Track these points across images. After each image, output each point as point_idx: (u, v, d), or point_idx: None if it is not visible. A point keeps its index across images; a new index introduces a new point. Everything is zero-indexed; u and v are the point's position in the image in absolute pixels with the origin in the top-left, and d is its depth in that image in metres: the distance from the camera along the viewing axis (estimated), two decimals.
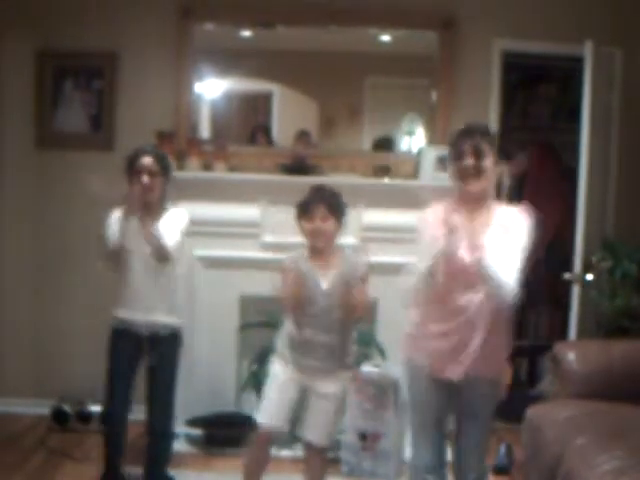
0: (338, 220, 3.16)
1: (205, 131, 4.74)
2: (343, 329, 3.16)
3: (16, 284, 4.68)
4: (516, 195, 5.31)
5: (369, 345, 4.21)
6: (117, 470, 3.53)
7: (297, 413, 3.33)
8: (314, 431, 3.23)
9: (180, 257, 3.55)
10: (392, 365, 3.94)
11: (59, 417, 4.44)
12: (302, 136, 4.66)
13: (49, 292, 4.63)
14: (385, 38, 4.67)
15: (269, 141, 4.76)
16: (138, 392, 3.54)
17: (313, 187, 3.24)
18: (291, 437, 3.88)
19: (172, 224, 3.43)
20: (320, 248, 3.15)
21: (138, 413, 3.58)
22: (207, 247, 4.39)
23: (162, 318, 3.46)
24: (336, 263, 3.17)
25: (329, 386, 3.17)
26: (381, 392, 3.95)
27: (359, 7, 4.44)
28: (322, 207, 3.13)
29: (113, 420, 3.52)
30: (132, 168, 3.40)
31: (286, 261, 3.19)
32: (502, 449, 4.06)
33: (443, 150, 4.38)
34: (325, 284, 3.13)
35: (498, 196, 3.24)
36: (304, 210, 3.17)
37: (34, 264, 4.66)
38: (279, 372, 3.21)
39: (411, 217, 3.21)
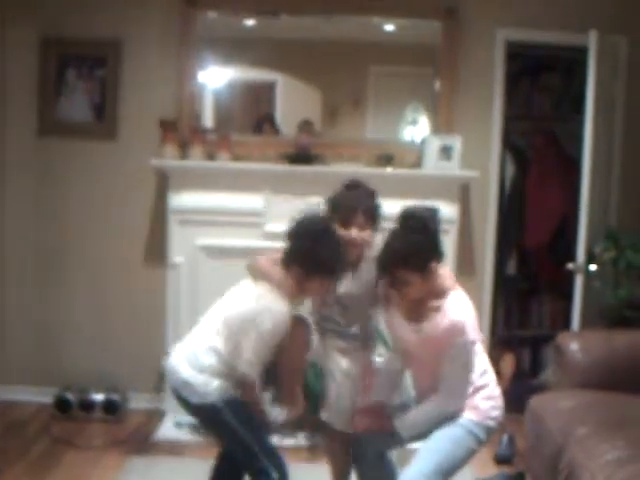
0: (375, 228, 2.86)
1: (208, 120, 4.72)
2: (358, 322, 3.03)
3: (19, 272, 4.68)
4: (519, 185, 5.31)
5: None
6: None
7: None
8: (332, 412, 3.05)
9: None
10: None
11: (62, 405, 4.45)
12: (305, 125, 4.65)
13: (51, 280, 4.64)
14: (389, 27, 4.65)
15: (275, 131, 4.75)
16: None
17: (350, 184, 2.91)
18: None
19: None
20: (350, 259, 2.85)
21: None
22: (210, 236, 4.39)
23: None
24: (359, 269, 2.91)
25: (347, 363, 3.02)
26: None
27: None
28: (360, 214, 2.81)
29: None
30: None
31: None
32: (504, 439, 4.07)
33: (447, 139, 4.39)
34: (343, 288, 2.90)
35: None
36: (340, 215, 2.83)
37: (37, 252, 4.65)
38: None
39: None
